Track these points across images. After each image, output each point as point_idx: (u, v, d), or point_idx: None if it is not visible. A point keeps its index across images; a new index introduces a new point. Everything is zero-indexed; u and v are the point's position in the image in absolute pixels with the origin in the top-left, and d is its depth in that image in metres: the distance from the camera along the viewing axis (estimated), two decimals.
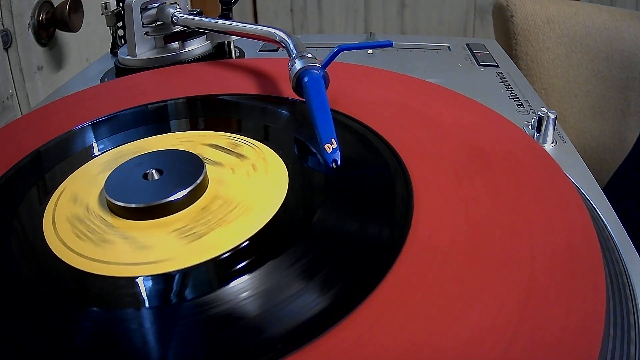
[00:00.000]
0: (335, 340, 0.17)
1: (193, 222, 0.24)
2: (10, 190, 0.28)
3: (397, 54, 0.53)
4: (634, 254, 0.25)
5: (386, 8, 1.27)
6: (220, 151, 0.29)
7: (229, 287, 0.20)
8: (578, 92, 0.71)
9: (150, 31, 0.46)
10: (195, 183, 0.25)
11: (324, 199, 0.25)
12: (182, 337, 0.18)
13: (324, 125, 0.27)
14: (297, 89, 0.32)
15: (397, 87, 0.36)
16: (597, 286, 0.19)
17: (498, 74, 0.47)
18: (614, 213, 0.28)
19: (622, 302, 0.21)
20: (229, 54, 0.49)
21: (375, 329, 0.18)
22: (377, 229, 0.22)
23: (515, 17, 0.71)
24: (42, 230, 0.24)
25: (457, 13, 1.26)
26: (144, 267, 0.21)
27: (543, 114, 0.34)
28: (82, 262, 0.22)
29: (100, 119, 0.34)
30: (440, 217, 0.23)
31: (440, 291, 0.19)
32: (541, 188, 0.24)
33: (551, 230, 0.22)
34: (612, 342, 0.19)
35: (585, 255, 0.20)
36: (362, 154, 0.28)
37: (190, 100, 0.36)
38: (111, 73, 0.50)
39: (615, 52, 0.69)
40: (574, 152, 0.34)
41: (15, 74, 0.59)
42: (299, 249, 0.21)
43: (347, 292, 0.19)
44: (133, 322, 0.19)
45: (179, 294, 0.20)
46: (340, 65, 0.37)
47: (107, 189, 0.25)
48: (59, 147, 0.31)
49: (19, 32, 0.58)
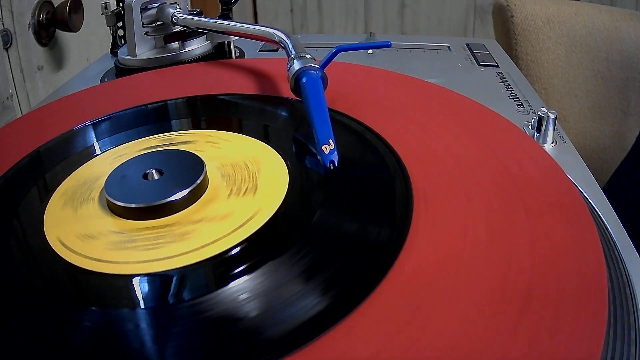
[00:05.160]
0: (335, 340, 0.17)
1: (192, 222, 0.24)
2: (10, 190, 0.28)
3: (397, 54, 0.53)
4: (634, 253, 0.25)
5: (386, 8, 1.27)
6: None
7: (228, 287, 0.20)
8: (578, 92, 0.71)
9: (150, 31, 0.46)
10: (195, 183, 0.25)
11: (324, 199, 0.25)
12: (181, 337, 0.18)
13: (322, 127, 0.27)
14: (295, 90, 0.32)
15: (397, 87, 0.36)
16: (600, 288, 0.19)
17: (498, 74, 0.47)
18: (614, 213, 0.28)
19: (622, 301, 0.21)
20: (229, 54, 0.49)
21: (375, 329, 0.18)
22: (377, 230, 0.22)
23: (515, 17, 0.71)
24: (42, 230, 0.24)
25: (457, 13, 1.26)
26: (144, 267, 0.21)
27: (543, 114, 0.34)
28: (82, 262, 0.22)
29: (100, 119, 0.34)
30: (440, 217, 0.23)
31: (440, 291, 0.19)
32: (541, 188, 0.24)
33: (552, 230, 0.22)
34: (612, 342, 0.19)
35: (587, 257, 0.20)
36: (361, 154, 0.28)
37: (190, 100, 0.36)
38: (111, 73, 0.49)
39: (615, 52, 0.69)
40: (574, 152, 0.34)
41: (16, 74, 0.59)
42: (299, 249, 0.21)
43: (346, 292, 0.19)
44: (130, 323, 0.19)
45: (177, 295, 0.20)
46: (340, 65, 0.37)
47: (107, 189, 0.25)
48: (58, 147, 0.31)
49: (19, 32, 0.58)
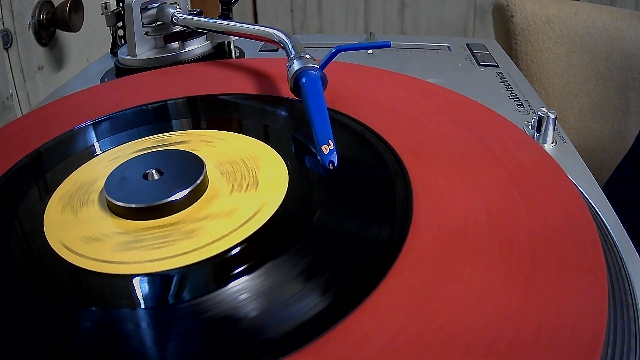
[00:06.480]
0: (335, 340, 0.17)
1: (198, 219, 0.24)
2: (10, 190, 0.28)
3: (397, 54, 0.53)
4: (634, 253, 0.25)
5: (386, 8, 1.27)
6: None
7: (228, 287, 0.20)
8: (578, 92, 0.71)
9: (150, 31, 0.46)
10: (195, 183, 0.25)
11: (324, 199, 0.25)
12: (181, 337, 0.18)
13: (321, 127, 0.27)
14: (294, 90, 0.32)
15: (397, 86, 0.36)
16: (599, 283, 0.19)
17: (498, 74, 0.47)
18: (614, 213, 0.28)
19: (622, 301, 0.21)
20: (229, 54, 0.49)
21: (374, 330, 0.18)
22: (377, 229, 0.22)
23: (515, 17, 0.71)
24: (42, 230, 0.24)
25: (457, 13, 1.26)
26: (144, 266, 0.21)
27: (543, 114, 0.34)
28: (82, 262, 0.22)
29: (100, 118, 0.34)
30: (440, 217, 0.23)
31: (439, 291, 0.19)
32: (542, 188, 0.24)
33: (552, 230, 0.22)
34: (612, 336, 0.19)
35: (586, 253, 0.20)
36: (361, 153, 0.28)
37: (190, 100, 0.36)
38: (111, 73, 0.50)
39: (615, 52, 0.69)
40: (574, 152, 0.34)
41: (16, 74, 0.59)
42: (299, 249, 0.21)
43: (346, 292, 0.19)
44: (131, 322, 0.19)
45: (177, 295, 0.20)
46: (339, 65, 0.37)
47: (107, 189, 0.25)
48: (59, 147, 0.31)
49: (20, 32, 0.58)
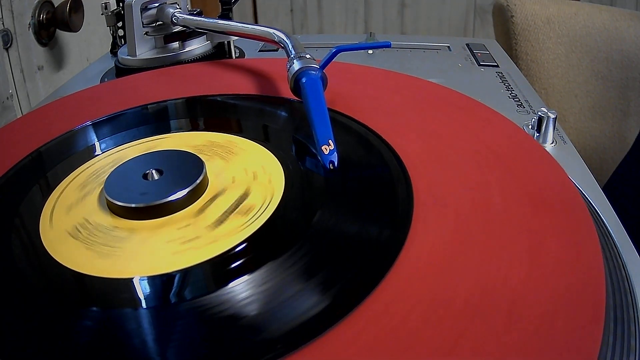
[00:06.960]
0: (335, 340, 0.17)
1: (191, 222, 0.24)
2: (11, 190, 0.28)
3: (397, 54, 0.53)
4: (634, 253, 0.25)
5: (386, 8, 1.27)
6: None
7: (228, 287, 0.20)
8: (578, 92, 0.71)
9: (150, 31, 0.46)
10: (195, 183, 0.25)
11: (324, 199, 0.25)
12: (182, 337, 0.18)
13: (321, 127, 0.27)
14: (294, 90, 0.32)
15: (397, 86, 0.36)
16: (597, 284, 0.19)
17: (498, 74, 0.47)
18: (614, 213, 0.28)
19: (622, 301, 0.21)
20: (229, 54, 0.49)
21: (374, 330, 0.18)
22: (377, 230, 0.22)
23: (515, 17, 0.71)
24: (42, 230, 0.24)
25: (457, 13, 1.26)
26: (143, 267, 0.21)
27: (543, 114, 0.34)
28: (82, 262, 0.22)
29: (101, 119, 0.34)
30: (441, 217, 0.23)
31: (439, 291, 0.19)
32: (542, 188, 0.24)
33: (552, 230, 0.22)
34: (612, 337, 0.19)
35: (586, 255, 0.20)
36: (362, 154, 0.28)
37: (189, 101, 0.36)
38: (111, 73, 0.50)
39: (615, 52, 0.69)
40: (574, 152, 0.34)
41: (16, 74, 0.59)
42: (299, 249, 0.21)
43: (346, 292, 0.19)
44: (131, 323, 0.19)
45: (178, 295, 0.20)
46: (340, 65, 0.37)
47: (107, 189, 0.25)
48: (59, 147, 0.31)
49: (20, 32, 0.58)
